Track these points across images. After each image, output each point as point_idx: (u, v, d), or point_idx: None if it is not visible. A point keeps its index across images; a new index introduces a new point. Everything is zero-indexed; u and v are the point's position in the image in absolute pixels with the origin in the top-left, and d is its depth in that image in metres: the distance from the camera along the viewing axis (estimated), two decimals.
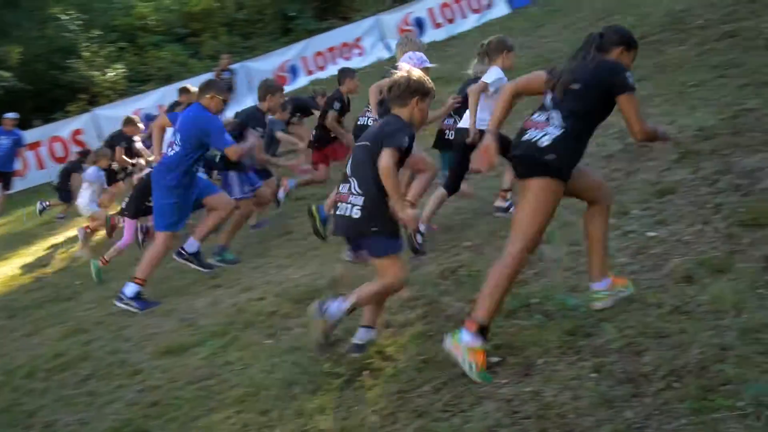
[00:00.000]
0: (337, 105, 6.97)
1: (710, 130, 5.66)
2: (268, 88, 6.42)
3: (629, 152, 5.99)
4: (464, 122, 5.08)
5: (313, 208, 5.80)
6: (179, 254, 5.87)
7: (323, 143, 7.14)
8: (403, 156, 3.34)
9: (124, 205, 6.89)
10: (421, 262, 4.84)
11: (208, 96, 5.47)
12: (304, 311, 3.98)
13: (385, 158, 3.22)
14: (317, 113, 7.78)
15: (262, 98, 6.41)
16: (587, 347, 3.30)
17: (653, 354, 3.09)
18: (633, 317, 3.41)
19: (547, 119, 3.18)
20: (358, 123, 5.80)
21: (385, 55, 15.46)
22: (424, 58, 5.16)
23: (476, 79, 5.11)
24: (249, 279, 5.62)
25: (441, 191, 5.20)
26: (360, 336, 3.63)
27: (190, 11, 20.96)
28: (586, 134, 3.24)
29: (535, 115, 3.26)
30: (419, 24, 16.22)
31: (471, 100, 4.85)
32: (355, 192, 3.37)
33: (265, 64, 15.80)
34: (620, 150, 6.14)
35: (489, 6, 16.64)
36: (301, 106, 9.06)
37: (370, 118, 5.53)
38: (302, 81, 15.88)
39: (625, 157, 5.93)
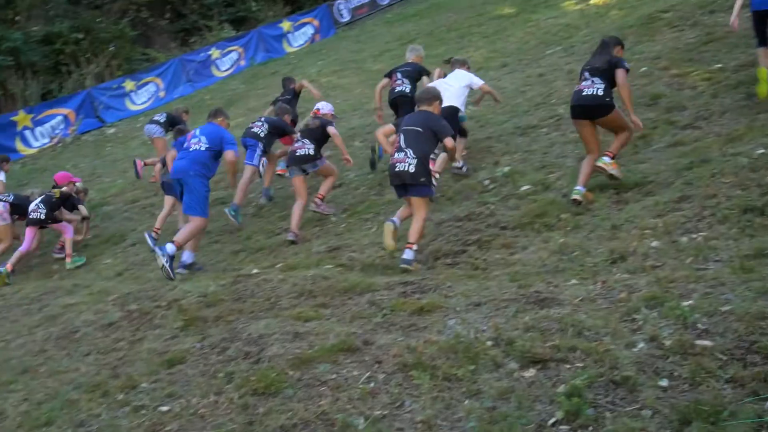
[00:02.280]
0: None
1: (213, 296, 6.52)
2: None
3: (132, 319, 6.44)
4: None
5: (376, 146, 9.88)
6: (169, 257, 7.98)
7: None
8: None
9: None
10: None
11: (219, 119, 9.10)
12: None
13: (450, 142, 7.04)
14: None
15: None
16: None
17: None
18: None
19: (592, 82, 7.25)
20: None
21: None
22: (332, 107, 10.40)
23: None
24: None
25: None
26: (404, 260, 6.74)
27: None
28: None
29: (583, 82, 7.34)
30: None
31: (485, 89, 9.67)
32: (410, 157, 6.86)
33: None
34: (122, 317, 6.58)
35: None
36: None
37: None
38: None
39: (127, 326, 6.35)
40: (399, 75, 10.39)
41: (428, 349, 4.62)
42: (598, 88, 7.18)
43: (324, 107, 10.14)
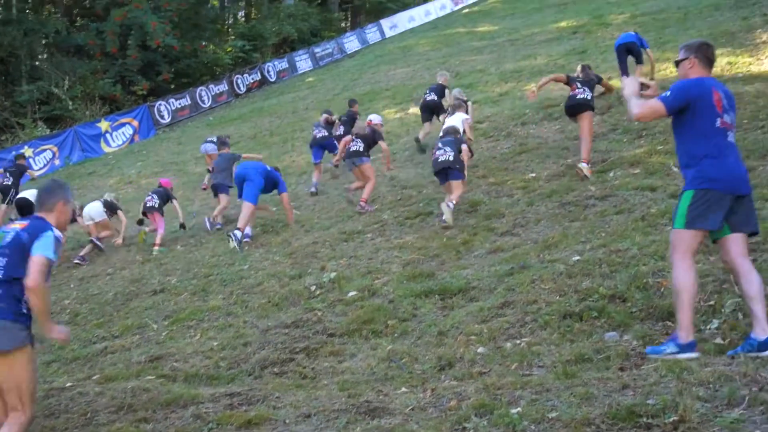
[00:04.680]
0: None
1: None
2: None
3: None
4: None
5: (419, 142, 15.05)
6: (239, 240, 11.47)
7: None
8: None
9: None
10: None
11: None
12: None
13: (465, 148, 10.85)
14: None
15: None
16: None
17: None
18: None
19: (583, 90, 10.80)
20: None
21: None
22: (381, 118, 14.39)
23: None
24: None
25: None
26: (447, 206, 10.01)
27: None
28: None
29: (577, 89, 10.83)
30: None
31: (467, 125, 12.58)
32: (449, 151, 10.36)
33: None
34: None
35: None
36: None
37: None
38: None
39: None
40: (428, 91, 15.56)
41: None
42: (587, 94, 10.86)
43: (375, 119, 13.70)
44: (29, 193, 14.20)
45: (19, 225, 5.09)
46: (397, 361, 6.06)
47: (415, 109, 18.83)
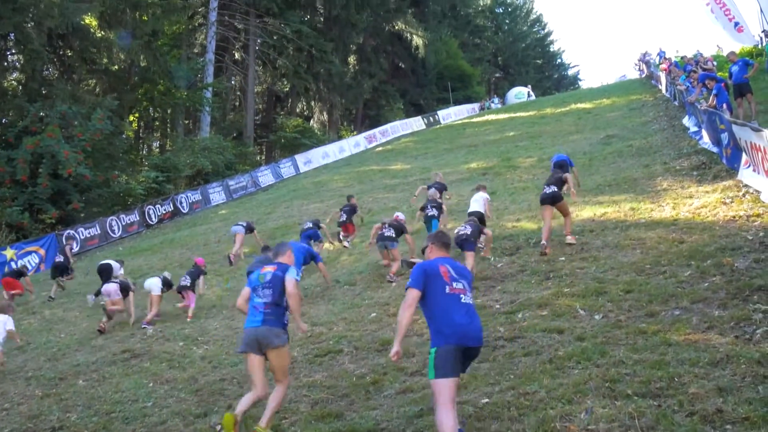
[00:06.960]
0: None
1: None
2: None
3: None
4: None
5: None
6: None
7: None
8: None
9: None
10: None
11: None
12: None
13: (488, 230, 14.87)
14: None
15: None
16: None
17: None
18: None
19: (550, 186, 14.17)
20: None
21: None
22: (404, 216, 17.38)
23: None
24: None
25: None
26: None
27: None
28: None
29: (546, 187, 14.27)
30: None
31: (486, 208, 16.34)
32: (469, 228, 13.58)
33: None
34: None
35: None
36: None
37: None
38: None
39: None
40: (434, 188, 18.49)
41: None
42: (554, 189, 13.90)
43: (401, 216, 16.61)
44: (110, 261, 19.44)
45: (271, 268, 7.93)
46: None
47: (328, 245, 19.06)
